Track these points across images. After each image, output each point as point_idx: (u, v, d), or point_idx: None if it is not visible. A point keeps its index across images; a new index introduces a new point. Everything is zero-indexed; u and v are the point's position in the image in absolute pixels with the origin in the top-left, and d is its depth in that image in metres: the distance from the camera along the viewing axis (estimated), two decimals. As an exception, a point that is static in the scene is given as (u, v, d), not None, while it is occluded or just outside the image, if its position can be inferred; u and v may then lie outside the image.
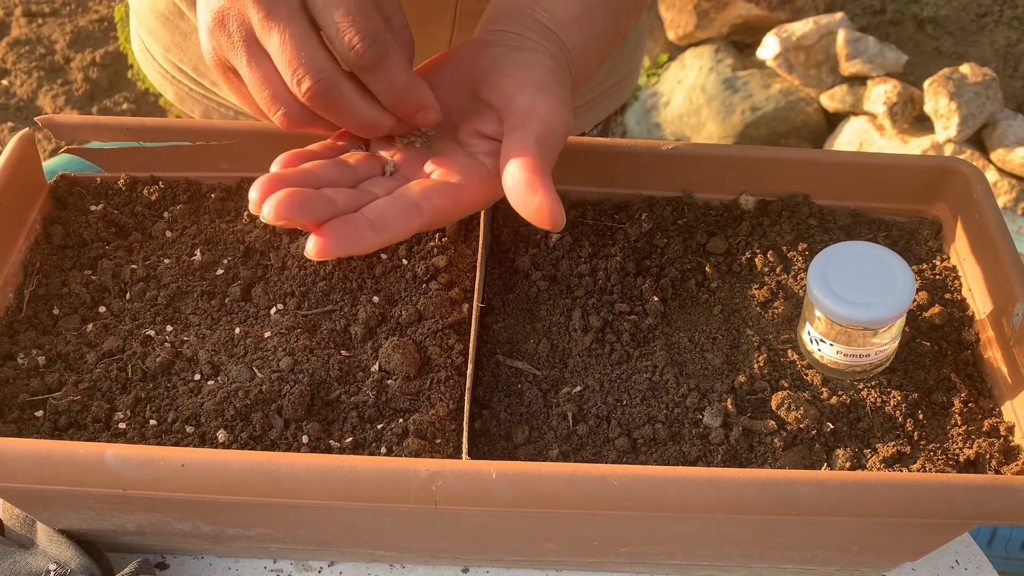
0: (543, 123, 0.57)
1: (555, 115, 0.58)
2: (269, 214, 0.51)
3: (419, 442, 0.58)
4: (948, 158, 0.72)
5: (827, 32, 2.23)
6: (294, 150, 0.59)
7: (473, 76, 0.62)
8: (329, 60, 0.54)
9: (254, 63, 0.55)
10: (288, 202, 0.52)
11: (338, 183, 0.57)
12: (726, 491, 0.52)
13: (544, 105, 0.58)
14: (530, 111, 0.58)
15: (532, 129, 0.57)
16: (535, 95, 0.58)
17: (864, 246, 0.63)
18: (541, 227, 0.55)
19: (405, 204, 0.56)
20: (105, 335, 0.64)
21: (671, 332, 0.66)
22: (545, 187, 0.54)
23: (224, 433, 0.58)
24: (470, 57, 0.62)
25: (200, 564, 0.66)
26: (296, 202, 0.52)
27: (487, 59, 0.61)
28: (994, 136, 2.07)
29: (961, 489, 0.52)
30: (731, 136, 2.25)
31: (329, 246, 0.52)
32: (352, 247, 0.53)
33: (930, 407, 0.62)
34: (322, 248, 0.52)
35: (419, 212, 0.56)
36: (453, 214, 0.58)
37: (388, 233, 0.54)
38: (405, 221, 0.55)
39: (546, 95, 0.58)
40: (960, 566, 0.68)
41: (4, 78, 2.43)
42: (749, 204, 0.73)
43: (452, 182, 0.58)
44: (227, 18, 0.55)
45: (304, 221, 0.52)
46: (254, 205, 0.53)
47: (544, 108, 0.58)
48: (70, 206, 0.72)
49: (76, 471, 0.52)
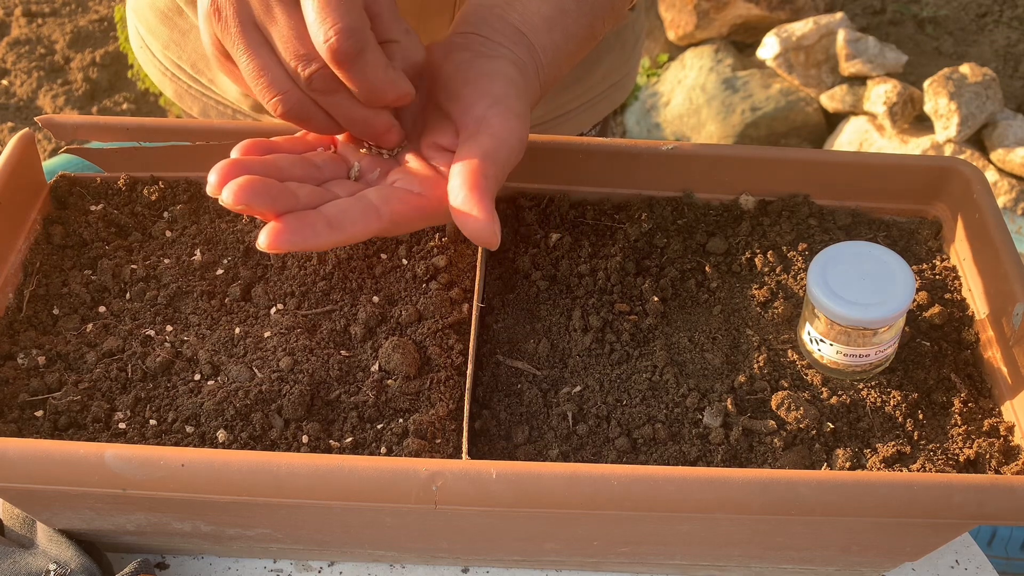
0: (494, 137, 0.57)
1: (508, 129, 0.57)
2: (228, 198, 0.51)
3: (419, 442, 0.58)
4: (948, 158, 0.72)
5: (827, 32, 2.23)
6: (257, 138, 0.58)
7: (437, 82, 0.61)
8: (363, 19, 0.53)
9: (251, 50, 0.55)
10: (249, 188, 0.51)
11: (302, 179, 0.57)
12: (726, 491, 0.52)
13: (497, 119, 0.57)
14: (482, 124, 0.57)
15: (481, 143, 0.56)
16: (489, 108, 0.58)
17: (864, 246, 0.63)
18: (475, 242, 0.55)
19: (364, 206, 0.55)
20: (105, 335, 0.64)
21: (671, 332, 0.66)
22: (483, 205, 0.54)
23: (224, 433, 0.58)
24: (437, 60, 0.62)
25: (200, 564, 0.66)
26: (257, 189, 0.51)
27: (452, 64, 0.61)
28: (994, 136, 2.07)
29: (961, 489, 0.52)
30: (731, 136, 2.25)
31: (281, 239, 0.52)
32: (305, 242, 0.52)
33: (930, 407, 0.62)
34: (274, 240, 0.52)
35: (378, 216, 0.55)
36: (413, 222, 0.58)
37: (344, 233, 0.54)
38: (363, 223, 0.55)
39: (500, 108, 0.58)
40: (960, 566, 0.68)
41: (4, 78, 2.43)
42: (749, 204, 0.73)
43: (413, 191, 0.58)
44: (223, 5, 0.54)
45: (263, 209, 0.52)
46: (212, 188, 0.52)
47: (497, 122, 0.57)
48: (70, 206, 0.72)
49: (76, 471, 0.52)
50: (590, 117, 0.97)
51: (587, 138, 0.76)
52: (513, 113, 0.58)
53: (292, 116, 0.57)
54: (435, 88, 0.61)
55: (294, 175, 0.57)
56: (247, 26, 0.55)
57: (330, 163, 0.60)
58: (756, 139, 2.24)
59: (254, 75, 0.55)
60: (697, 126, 2.31)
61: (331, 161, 0.60)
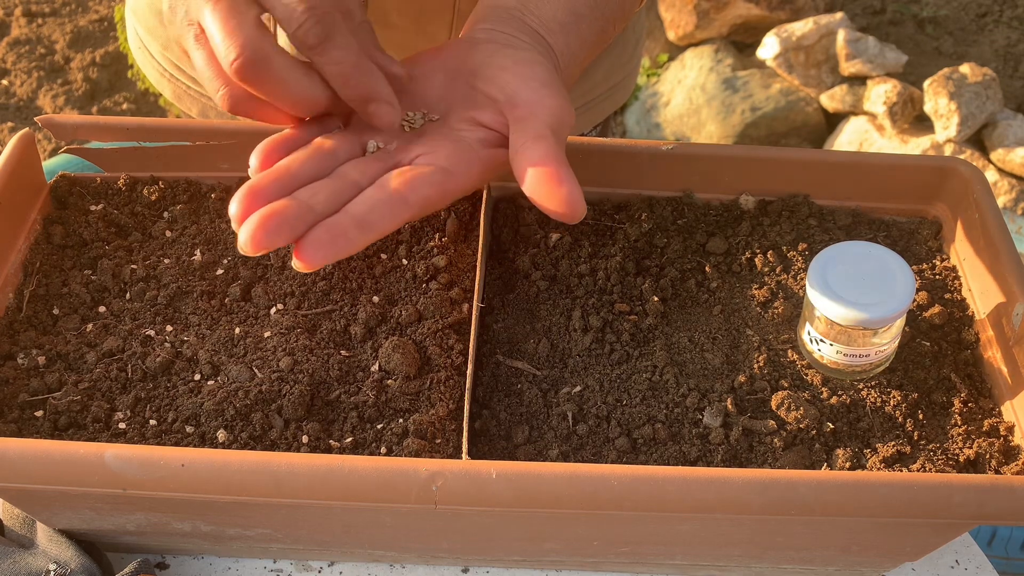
0: (553, 115, 0.57)
1: (564, 109, 0.58)
2: (246, 243, 0.49)
3: (419, 442, 0.58)
4: (948, 158, 0.72)
5: (827, 32, 2.23)
6: (272, 139, 0.56)
7: (467, 69, 0.61)
8: (258, 32, 0.52)
9: (199, 43, 0.54)
10: (264, 226, 0.50)
11: (317, 175, 0.55)
12: (726, 491, 0.52)
13: (552, 99, 0.58)
14: (539, 104, 0.57)
15: (544, 121, 0.56)
16: (541, 89, 0.58)
17: (864, 246, 0.63)
18: (561, 219, 0.54)
19: (390, 197, 0.54)
20: (105, 335, 0.64)
21: (671, 332, 0.66)
22: (569, 178, 0.53)
23: (224, 433, 0.58)
24: (462, 52, 0.62)
25: (200, 564, 0.66)
26: (274, 225, 0.50)
27: (481, 54, 0.61)
28: (994, 136, 2.07)
29: (961, 489, 0.52)
30: (731, 136, 2.25)
31: (315, 258, 0.51)
32: (339, 252, 0.51)
33: (930, 407, 0.62)
34: (307, 262, 0.51)
35: (406, 205, 0.54)
36: (440, 203, 0.56)
37: (375, 231, 0.53)
38: (392, 216, 0.53)
39: (552, 90, 0.58)
40: (960, 566, 0.68)
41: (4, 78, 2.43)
42: (749, 204, 0.73)
43: (440, 167, 0.56)
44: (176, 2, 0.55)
45: (284, 243, 0.50)
46: (234, 223, 0.51)
47: (552, 102, 0.57)
48: (70, 206, 0.72)
49: (76, 471, 0.52)
50: (591, 118, 0.97)
51: (587, 138, 0.76)
52: (565, 97, 0.58)
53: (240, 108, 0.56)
54: (465, 73, 0.61)
55: (308, 174, 0.55)
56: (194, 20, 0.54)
57: (343, 143, 0.58)
58: (756, 139, 2.24)
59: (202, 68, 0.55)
60: (697, 126, 2.31)
61: (344, 141, 0.58)
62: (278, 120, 0.58)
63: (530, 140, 0.55)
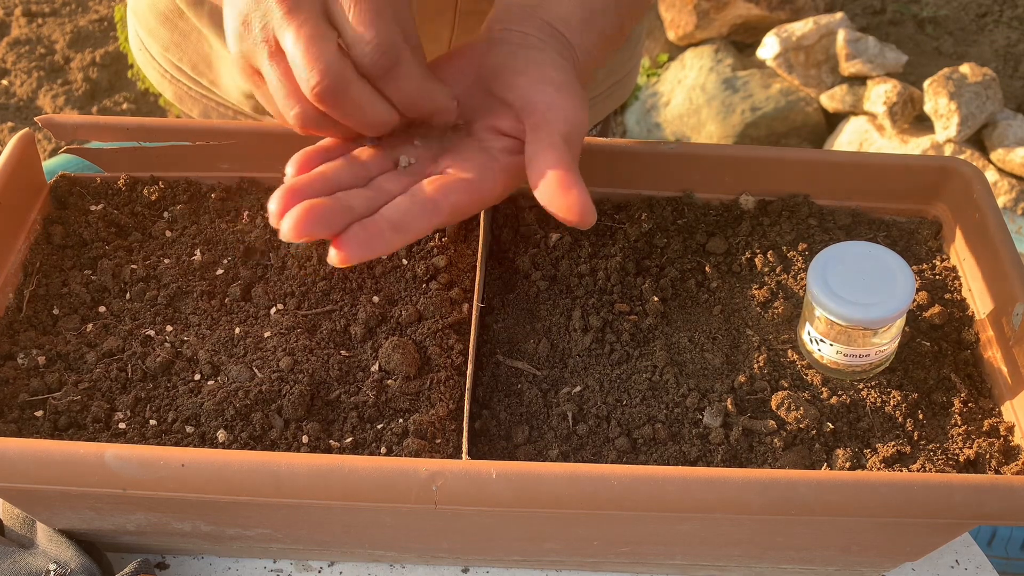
0: (567, 121, 0.57)
1: (577, 114, 0.58)
2: (288, 232, 0.52)
3: (419, 442, 0.58)
4: (948, 158, 0.72)
5: (827, 32, 2.22)
6: (308, 148, 0.58)
7: (484, 73, 0.62)
8: (340, 59, 0.54)
9: (274, 62, 0.55)
10: (306, 218, 0.52)
11: (352, 184, 0.57)
12: (726, 491, 0.52)
13: (566, 103, 0.58)
14: (552, 109, 0.58)
15: (557, 127, 0.57)
16: (555, 94, 0.58)
17: (864, 246, 0.63)
18: (571, 224, 0.55)
19: (423, 203, 0.56)
20: (105, 335, 0.64)
21: (671, 332, 0.66)
22: (577, 185, 0.54)
23: (224, 433, 0.58)
24: (480, 54, 0.62)
25: (200, 564, 0.66)
26: (314, 217, 0.52)
27: (497, 56, 0.61)
28: (994, 136, 2.07)
29: (961, 489, 0.52)
30: (731, 136, 2.25)
31: (352, 254, 0.53)
32: (374, 251, 0.53)
33: (930, 407, 0.62)
34: (344, 257, 0.52)
35: (438, 210, 0.56)
36: (470, 210, 0.58)
37: (409, 234, 0.55)
38: (425, 220, 0.55)
39: (566, 94, 0.58)
40: (960, 566, 0.68)
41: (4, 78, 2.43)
42: (749, 204, 0.73)
43: (468, 178, 0.57)
44: (251, 19, 0.55)
45: (324, 235, 0.52)
46: (273, 219, 0.53)
47: (566, 106, 0.58)
48: (70, 206, 0.72)
49: (76, 471, 0.52)
50: (592, 115, 0.97)
51: (588, 138, 0.76)
52: (579, 99, 0.59)
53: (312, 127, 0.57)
54: (483, 78, 0.62)
55: (345, 181, 0.57)
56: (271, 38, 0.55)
57: (376, 157, 0.59)
58: (756, 139, 2.24)
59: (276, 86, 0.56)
60: (697, 126, 2.31)
61: (377, 155, 0.60)
62: (345, 137, 0.60)
63: (542, 148, 0.56)
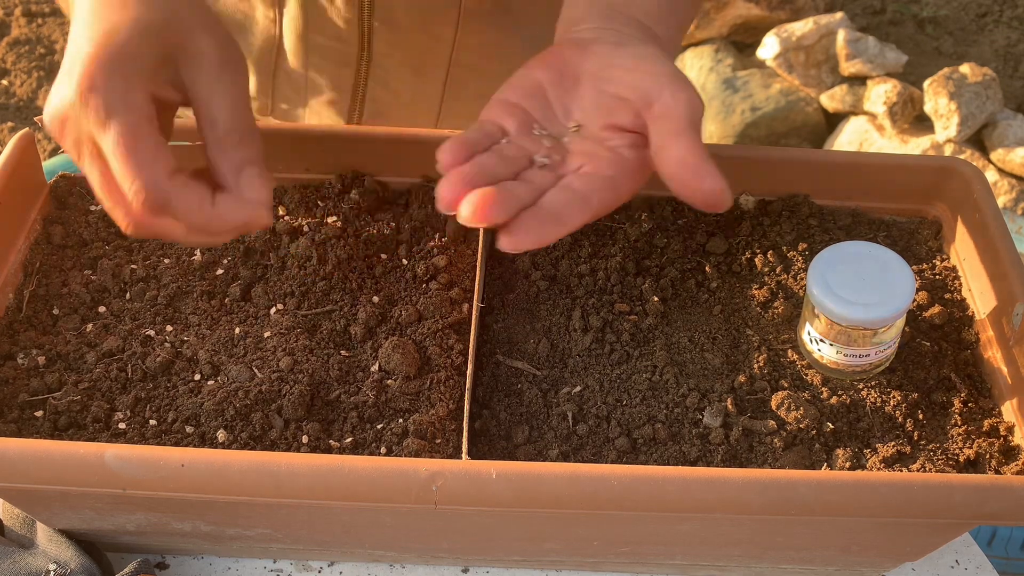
0: (689, 109, 0.58)
1: (696, 100, 0.58)
2: (469, 216, 0.53)
3: (419, 442, 0.58)
4: (948, 158, 0.72)
5: (827, 32, 2.22)
6: (456, 139, 0.58)
7: (587, 73, 0.62)
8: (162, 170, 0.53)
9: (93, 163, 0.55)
10: (485, 204, 0.53)
11: (506, 176, 0.57)
12: (726, 491, 0.52)
13: (684, 92, 0.58)
14: (673, 99, 0.58)
15: (682, 115, 0.57)
16: (671, 84, 0.58)
17: (864, 246, 0.63)
18: (705, 210, 0.56)
19: (577, 197, 0.56)
20: (105, 335, 0.64)
21: (671, 332, 0.66)
22: (712, 171, 0.55)
23: (224, 433, 0.58)
24: (575, 57, 0.62)
25: (200, 564, 0.66)
26: (492, 203, 0.53)
27: (597, 56, 0.61)
28: (994, 136, 2.07)
29: (961, 489, 0.52)
30: (731, 136, 2.25)
31: (523, 241, 0.54)
32: (542, 240, 0.54)
33: (930, 407, 0.62)
34: (515, 244, 0.54)
35: (589, 205, 0.56)
36: (612, 206, 0.58)
37: (567, 225, 0.55)
38: (580, 213, 0.56)
39: (680, 83, 0.59)
40: (960, 566, 0.68)
41: (4, 78, 2.43)
42: (749, 204, 0.73)
43: (609, 174, 0.58)
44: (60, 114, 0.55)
45: (501, 220, 0.54)
46: (447, 205, 0.54)
47: (685, 95, 0.58)
48: (70, 206, 0.72)
49: (76, 471, 0.52)
50: None
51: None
52: (691, 85, 0.59)
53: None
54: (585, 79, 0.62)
55: (499, 174, 0.57)
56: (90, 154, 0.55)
57: (518, 153, 0.60)
58: (756, 139, 2.24)
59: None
60: (697, 126, 2.31)
61: (518, 151, 0.60)
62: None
63: (670, 138, 0.56)
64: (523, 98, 0.62)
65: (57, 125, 0.55)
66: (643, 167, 0.59)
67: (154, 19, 0.56)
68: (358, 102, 0.92)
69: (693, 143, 0.56)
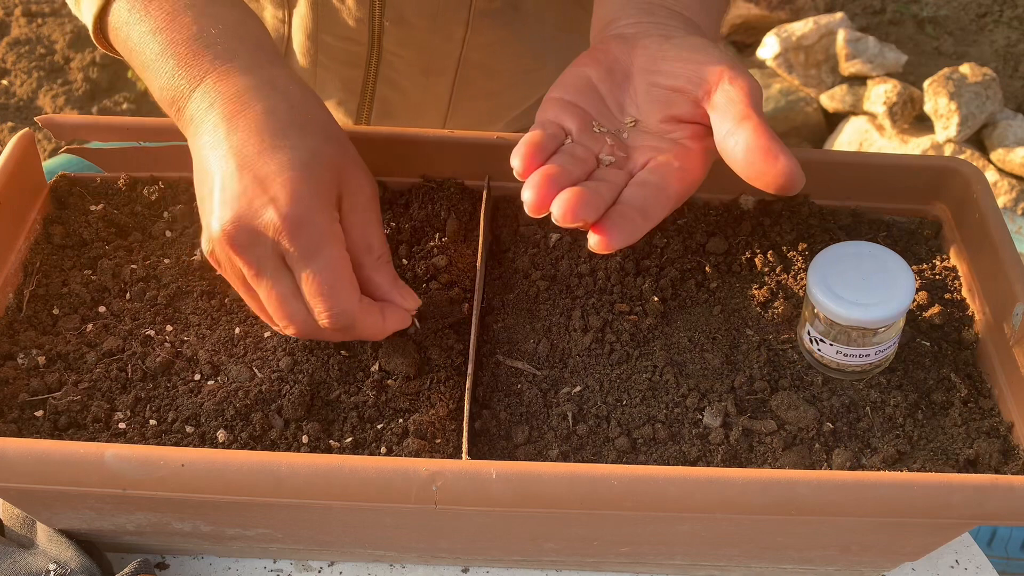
0: (751, 92, 0.58)
1: (755, 83, 0.58)
2: (561, 216, 0.53)
3: (419, 442, 0.58)
4: (948, 158, 0.72)
5: (827, 32, 2.22)
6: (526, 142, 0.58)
7: (637, 68, 0.62)
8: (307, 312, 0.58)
9: (248, 295, 0.60)
10: (576, 203, 0.54)
11: (580, 177, 0.58)
12: (726, 491, 0.52)
13: (744, 79, 0.58)
14: (734, 84, 0.58)
15: (745, 99, 0.57)
16: (730, 71, 0.58)
17: (864, 246, 0.63)
18: (779, 193, 0.56)
19: (655, 191, 0.57)
20: (105, 335, 0.64)
21: (671, 332, 0.66)
22: (783, 151, 0.55)
23: (224, 433, 0.58)
24: (622, 54, 0.62)
25: (200, 564, 0.66)
26: (582, 203, 0.54)
27: (645, 50, 0.61)
28: (994, 136, 2.07)
29: (961, 489, 0.52)
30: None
31: (615, 239, 0.54)
32: (631, 237, 0.55)
33: (930, 407, 0.62)
34: (607, 243, 0.54)
35: (668, 196, 0.57)
36: (685, 196, 0.59)
37: (652, 219, 0.56)
38: (661, 206, 0.57)
39: (739, 70, 0.59)
40: (960, 566, 0.68)
41: (4, 78, 2.43)
42: (749, 204, 0.73)
43: (678, 165, 0.58)
44: (220, 261, 0.58)
45: (590, 220, 0.54)
46: (534, 208, 0.54)
47: (743, 80, 0.58)
48: (70, 206, 0.72)
49: (76, 471, 0.52)
50: None
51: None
52: (746, 70, 0.59)
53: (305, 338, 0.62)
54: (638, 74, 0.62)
55: (576, 175, 0.58)
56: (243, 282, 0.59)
57: (587, 153, 0.60)
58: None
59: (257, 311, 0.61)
60: (697, 126, 2.31)
61: (585, 151, 0.60)
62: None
63: (735, 122, 0.56)
64: (577, 96, 0.62)
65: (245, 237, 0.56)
66: (707, 157, 0.59)
67: (333, 152, 0.59)
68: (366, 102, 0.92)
69: (761, 125, 0.56)
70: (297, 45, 0.87)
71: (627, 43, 0.62)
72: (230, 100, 0.58)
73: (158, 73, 0.60)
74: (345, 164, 0.60)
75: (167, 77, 0.60)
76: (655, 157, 0.59)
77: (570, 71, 0.63)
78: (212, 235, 0.57)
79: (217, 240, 0.56)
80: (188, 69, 0.59)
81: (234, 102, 0.58)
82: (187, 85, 0.59)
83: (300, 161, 0.57)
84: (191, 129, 0.60)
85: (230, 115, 0.57)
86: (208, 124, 0.58)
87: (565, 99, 0.61)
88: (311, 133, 0.58)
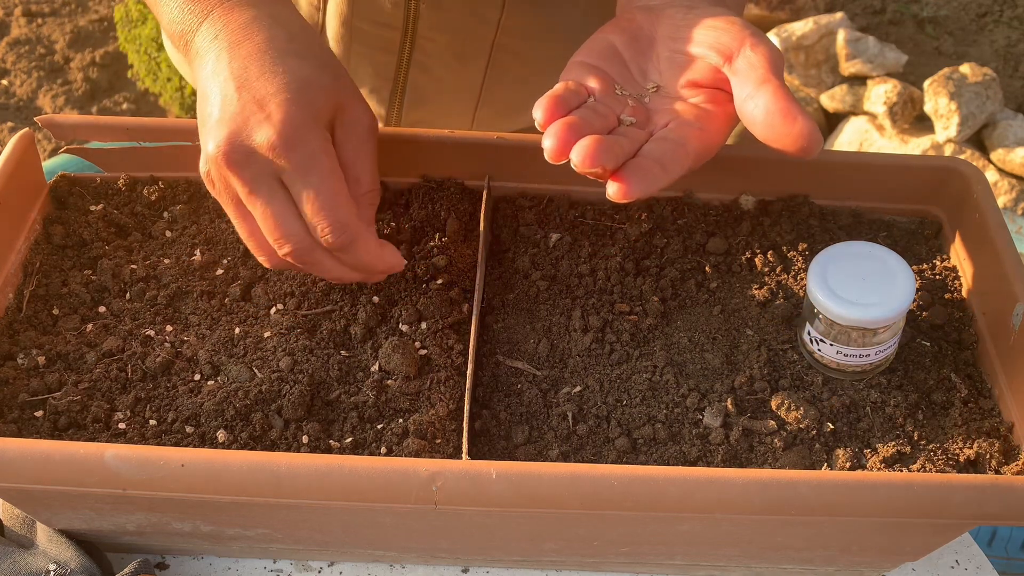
0: (771, 56, 0.58)
1: (777, 52, 0.59)
2: (579, 161, 0.54)
3: (419, 442, 0.58)
4: (948, 158, 0.72)
5: (827, 32, 2.22)
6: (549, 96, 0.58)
7: (661, 36, 0.63)
8: (304, 235, 0.58)
9: (240, 218, 0.60)
10: (596, 149, 0.54)
11: (600, 132, 0.58)
12: (726, 491, 0.52)
13: (764, 45, 0.59)
14: (754, 49, 0.59)
15: (765, 65, 0.58)
16: (750, 38, 0.59)
17: (864, 246, 0.63)
18: (798, 155, 0.56)
19: (675, 145, 0.57)
20: (105, 335, 0.64)
21: (671, 332, 0.66)
22: (802, 113, 0.56)
23: (224, 433, 0.58)
24: (647, 22, 0.63)
25: (200, 564, 0.66)
26: (602, 149, 0.54)
27: (669, 19, 0.62)
28: (994, 136, 2.07)
29: (961, 489, 0.52)
30: (731, 136, 2.25)
31: (633, 188, 0.54)
32: (649, 188, 0.55)
33: (930, 407, 0.62)
34: (625, 191, 0.54)
35: (688, 153, 0.57)
36: (706, 155, 0.59)
37: (671, 173, 0.56)
38: (680, 161, 0.57)
39: (758, 36, 0.59)
40: (960, 566, 0.68)
41: (4, 78, 2.43)
42: (749, 204, 0.73)
43: (698, 125, 0.59)
44: (215, 181, 0.59)
45: (610, 167, 0.54)
46: (554, 154, 0.55)
47: (764, 47, 0.59)
48: (70, 206, 0.72)
49: (76, 471, 0.52)
50: None
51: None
52: (767, 38, 0.60)
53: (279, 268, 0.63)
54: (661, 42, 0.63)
55: (596, 127, 0.58)
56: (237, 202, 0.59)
57: (608, 110, 0.61)
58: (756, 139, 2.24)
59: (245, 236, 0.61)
60: (697, 126, 2.31)
61: (607, 108, 0.61)
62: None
63: (756, 85, 0.57)
64: (600, 60, 0.63)
65: (240, 155, 0.57)
66: (727, 120, 0.60)
67: (329, 81, 0.60)
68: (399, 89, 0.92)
69: (780, 88, 0.57)
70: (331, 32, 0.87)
71: (653, 13, 0.63)
72: (234, 31, 0.60)
73: (168, 7, 0.63)
74: (341, 95, 0.61)
75: (176, 11, 0.63)
76: (675, 119, 0.60)
77: (595, 37, 0.64)
78: (208, 154, 0.58)
79: (212, 158, 0.57)
80: (196, 3, 0.62)
81: (237, 32, 0.60)
82: (195, 19, 0.62)
83: (296, 85, 0.58)
84: (197, 61, 0.62)
85: (233, 44, 0.60)
86: (212, 54, 0.60)
87: (589, 62, 0.62)
88: (308, 61, 0.60)
